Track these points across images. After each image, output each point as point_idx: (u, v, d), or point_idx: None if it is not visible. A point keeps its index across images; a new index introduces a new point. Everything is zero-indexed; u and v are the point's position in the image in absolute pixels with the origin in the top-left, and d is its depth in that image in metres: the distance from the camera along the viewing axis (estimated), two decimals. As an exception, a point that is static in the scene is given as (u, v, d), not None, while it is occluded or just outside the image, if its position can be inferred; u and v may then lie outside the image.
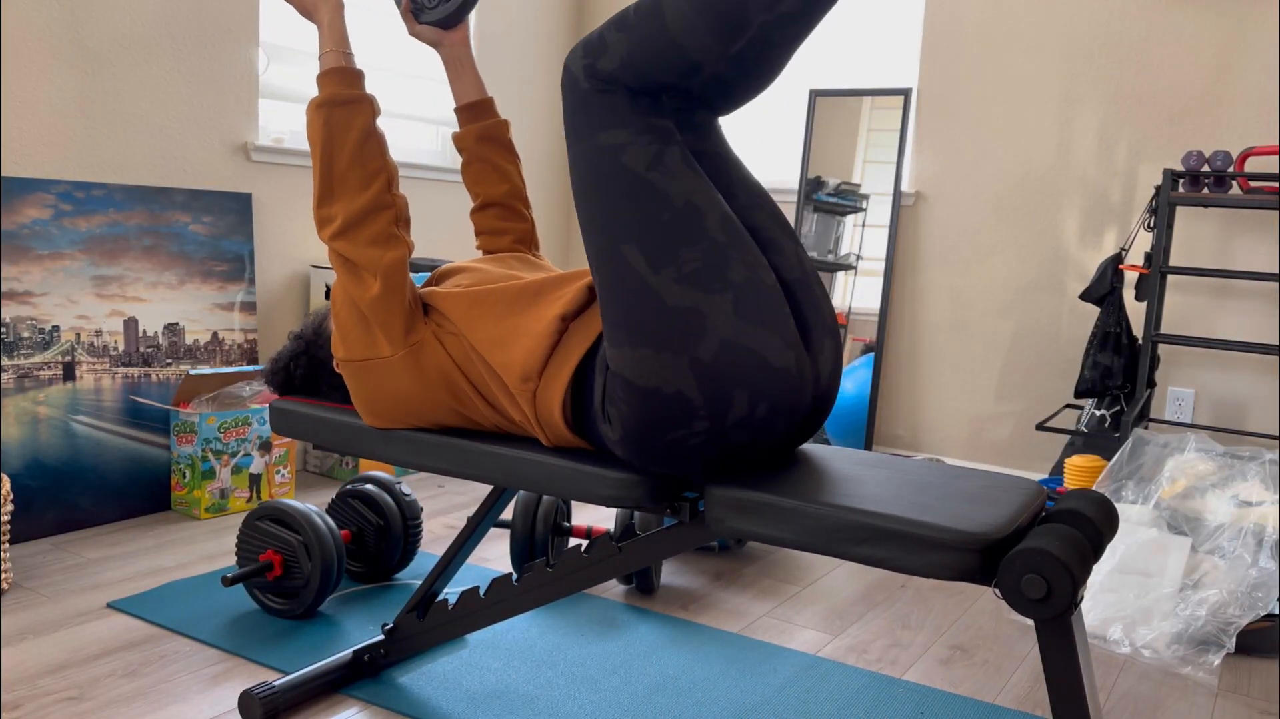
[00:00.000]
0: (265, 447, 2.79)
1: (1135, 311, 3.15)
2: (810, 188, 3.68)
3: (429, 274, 1.75)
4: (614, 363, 1.27)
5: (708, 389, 1.23)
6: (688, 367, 1.23)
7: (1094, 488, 2.52)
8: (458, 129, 1.81)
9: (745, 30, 1.22)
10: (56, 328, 2.51)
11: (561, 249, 4.25)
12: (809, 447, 1.48)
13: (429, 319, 1.47)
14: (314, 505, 2.09)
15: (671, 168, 1.26)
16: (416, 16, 1.76)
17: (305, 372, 1.67)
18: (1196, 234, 3.11)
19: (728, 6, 1.20)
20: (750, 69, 1.29)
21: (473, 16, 3.70)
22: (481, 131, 1.78)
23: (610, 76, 1.26)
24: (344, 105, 1.45)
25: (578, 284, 1.42)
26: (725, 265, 1.24)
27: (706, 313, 1.23)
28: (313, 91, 3.14)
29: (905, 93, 3.52)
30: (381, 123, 3.48)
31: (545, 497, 2.19)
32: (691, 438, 1.26)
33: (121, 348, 2.64)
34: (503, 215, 1.80)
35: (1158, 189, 2.86)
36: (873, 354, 3.60)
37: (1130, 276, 3.10)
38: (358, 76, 1.47)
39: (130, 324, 2.66)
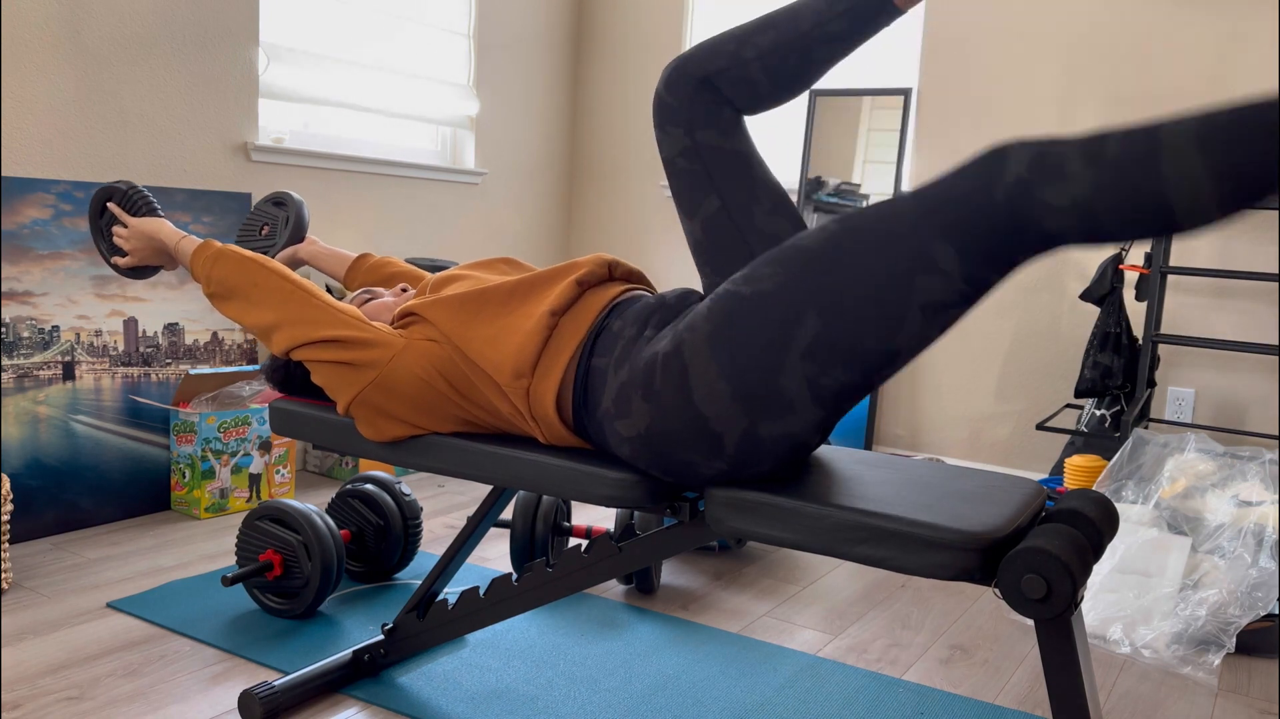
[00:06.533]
0: (265, 447, 2.79)
1: (1135, 311, 3.15)
2: (810, 188, 3.68)
3: (426, 278, 1.77)
4: (690, 356, 1.22)
5: (744, 450, 1.24)
6: (743, 429, 1.22)
7: (1094, 488, 2.52)
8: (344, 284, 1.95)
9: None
10: (56, 328, 2.51)
11: (561, 248, 4.25)
12: (809, 447, 1.48)
13: (405, 331, 1.50)
14: (314, 505, 2.09)
15: (933, 323, 1.13)
16: (268, 253, 1.96)
17: (305, 369, 1.67)
18: (1196, 234, 3.11)
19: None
20: (783, 81, 1.32)
21: (473, 13, 3.70)
22: (365, 280, 1.91)
23: (1052, 222, 1.04)
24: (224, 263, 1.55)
25: (566, 279, 1.43)
26: (848, 400, 1.20)
27: (797, 412, 1.20)
28: (313, 91, 3.14)
29: (905, 93, 3.52)
30: (382, 122, 3.48)
31: (545, 497, 2.19)
32: (704, 468, 1.27)
33: (121, 348, 2.64)
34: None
35: (1158, 189, 2.86)
36: (873, 354, 3.59)
37: (1130, 276, 3.10)
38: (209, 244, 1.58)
39: (130, 324, 2.66)
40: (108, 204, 1.77)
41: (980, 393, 3.48)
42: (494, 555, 2.50)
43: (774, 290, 1.16)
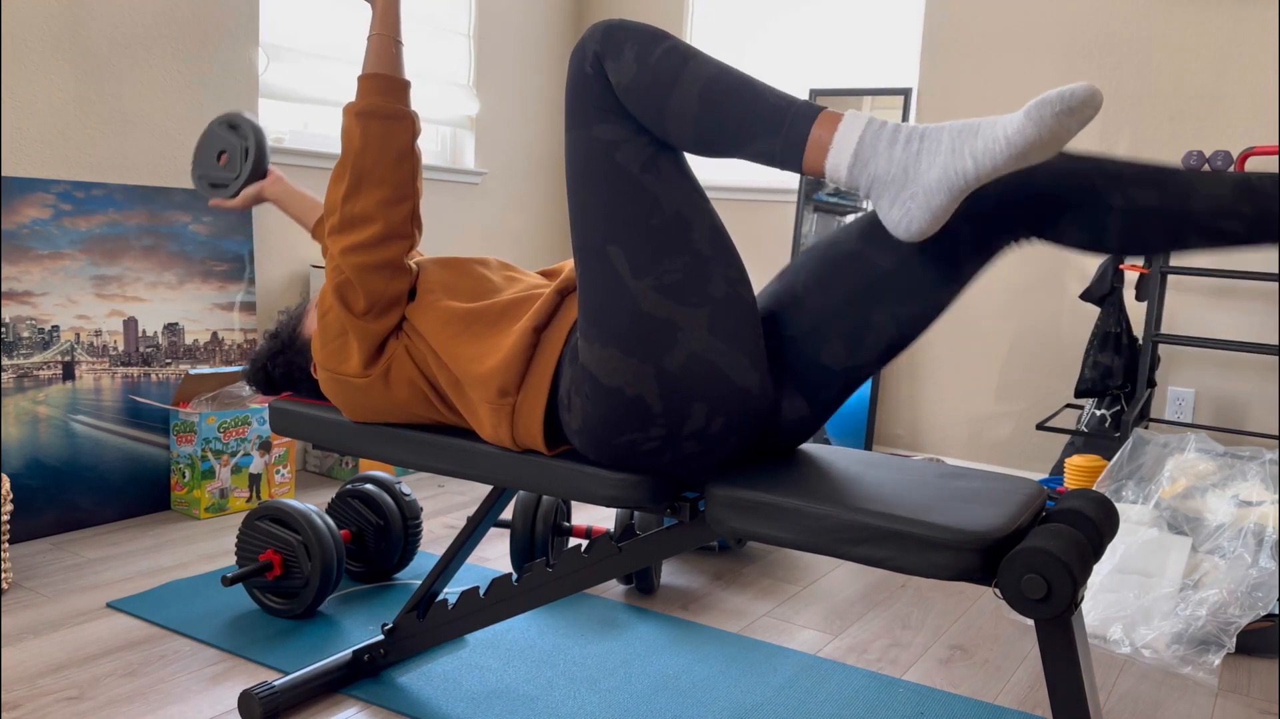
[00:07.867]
0: (265, 446, 2.79)
1: (1135, 311, 3.15)
2: (810, 187, 3.68)
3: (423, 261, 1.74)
4: (583, 355, 1.28)
5: (668, 399, 1.24)
6: (653, 375, 1.23)
7: (1094, 488, 2.52)
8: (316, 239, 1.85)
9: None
10: (56, 328, 2.51)
11: (562, 248, 4.25)
12: (809, 446, 1.48)
13: (400, 334, 1.48)
14: (314, 505, 2.09)
15: (665, 172, 1.25)
16: (230, 191, 1.81)
17: (284, 371, 1.67)
18: (1196, 234, 3.11)
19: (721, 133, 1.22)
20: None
21: (473, 13, 3.70)
22: None
23: (610, 84, 1.24)
24: (384, 119, 1.42)
25: (547, 291, 1.42)
26: (706, 280, 1.24)
27: (680, 325, 1.23)
28: (313, 91, 3.14)
29: (905, 93, 3.52)
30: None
31: (545, 497, 2.19)
32: (646, 442, 1.27)
33: (121, 348, 2.64)
34: None
35: (1158, 189, 2.85)
36: (873, 354, 3.59)
37: (1130, 276, 3.10)
38: (403, 89, 1.45)
39: (130, 324, 2.66)
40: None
41: (980, 393, 3.48)
42: (494, 555, 2.50)
43: (581, 253, 1.28)
